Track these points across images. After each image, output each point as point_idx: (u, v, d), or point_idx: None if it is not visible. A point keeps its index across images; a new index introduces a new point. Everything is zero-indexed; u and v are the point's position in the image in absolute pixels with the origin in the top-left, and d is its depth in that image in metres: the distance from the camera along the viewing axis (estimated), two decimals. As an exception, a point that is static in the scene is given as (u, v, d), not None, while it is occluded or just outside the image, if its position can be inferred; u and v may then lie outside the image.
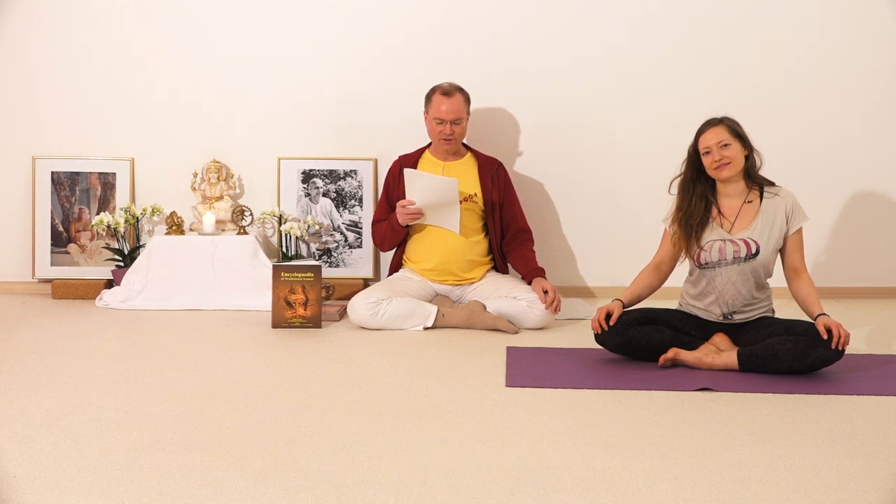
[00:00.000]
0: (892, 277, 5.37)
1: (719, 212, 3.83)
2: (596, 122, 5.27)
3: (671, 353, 3.72)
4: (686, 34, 5.24)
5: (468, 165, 4.78)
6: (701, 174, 3.84)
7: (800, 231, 3.80)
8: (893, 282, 5.37)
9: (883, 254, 5.36)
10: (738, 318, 3.84)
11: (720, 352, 3.73)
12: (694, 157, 3.84)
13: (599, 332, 3.83)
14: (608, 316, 3.82)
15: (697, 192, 3.81)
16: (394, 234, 4.67)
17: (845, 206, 5.32)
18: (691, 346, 3.78)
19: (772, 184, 3.85)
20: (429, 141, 4.83)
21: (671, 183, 3.90)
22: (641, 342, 3.78)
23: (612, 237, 5.30)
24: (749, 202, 3.82)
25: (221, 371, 3.70)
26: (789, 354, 3.57)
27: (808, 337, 3.58)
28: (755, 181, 3.82)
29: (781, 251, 3.82)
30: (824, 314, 3.62)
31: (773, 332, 3.69)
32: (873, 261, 5.35)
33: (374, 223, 4.82)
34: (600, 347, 3.95)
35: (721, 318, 3.85)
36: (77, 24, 5.28)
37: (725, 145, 3.75)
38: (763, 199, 3.81)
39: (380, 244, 4.81)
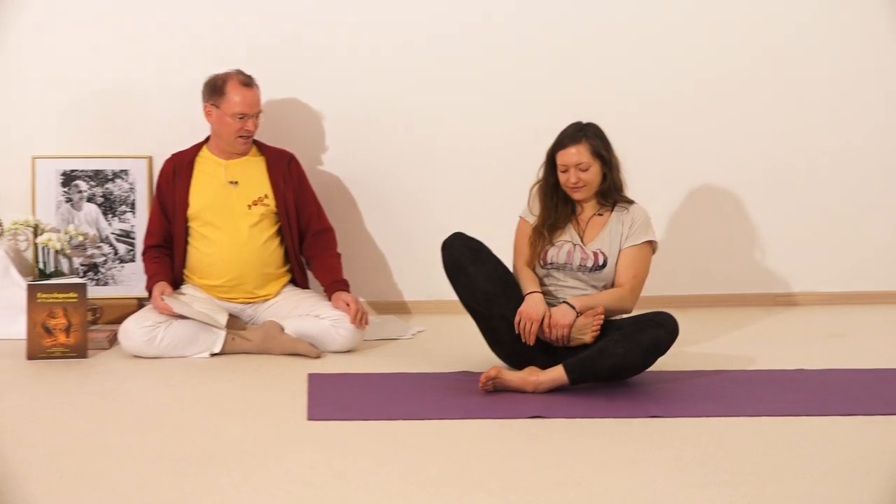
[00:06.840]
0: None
1: (576, 217, 3.86)
2: (412, 116, 5.00)
3: (493, 371, 3.58)
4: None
5: (255, 163, 4.44)
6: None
7: (639, 249, 3.75)
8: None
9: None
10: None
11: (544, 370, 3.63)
12: (552, 163, 3.81)
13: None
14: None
15: (560, 196, 3.83)
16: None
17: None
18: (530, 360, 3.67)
19: (630, 202, 3.85)
20: (206, 136, 4.48)
21: (531, 191, 3.89)
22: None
23: (429, 245, 4.97)
24: (599, 215, 3.84)
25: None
26: (619, 346, 3.50)
27: (635, 323, 3.57)
28: (609, 199, 3.81)
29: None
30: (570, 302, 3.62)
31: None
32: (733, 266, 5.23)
33: (145, 251, 4.44)
34: (415, 372, 3.87)
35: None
36: None
37: (584, 169, 3.74)
38: (613, 213, 3.83)
39: None
